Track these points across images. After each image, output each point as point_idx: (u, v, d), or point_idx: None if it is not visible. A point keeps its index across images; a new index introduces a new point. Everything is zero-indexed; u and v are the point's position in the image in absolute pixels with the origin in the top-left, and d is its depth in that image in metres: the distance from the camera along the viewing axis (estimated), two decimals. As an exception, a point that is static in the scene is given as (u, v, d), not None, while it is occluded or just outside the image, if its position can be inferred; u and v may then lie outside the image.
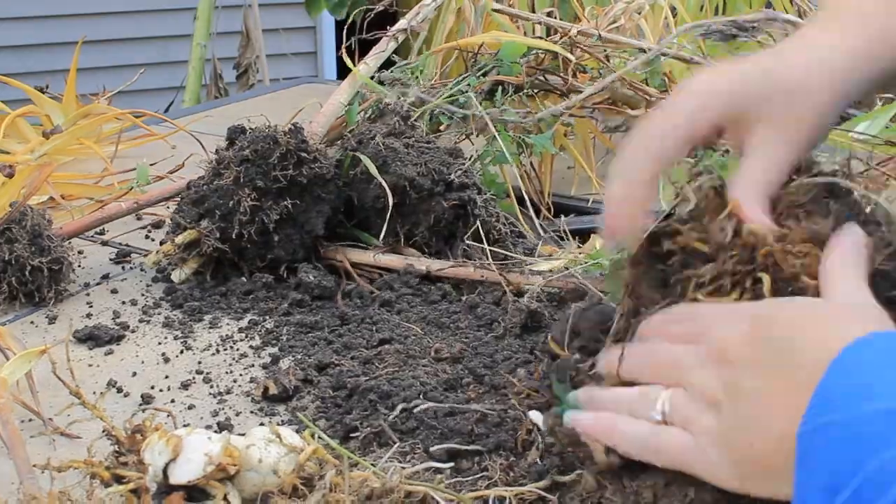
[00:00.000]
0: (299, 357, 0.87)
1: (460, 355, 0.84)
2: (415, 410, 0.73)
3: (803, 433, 0.48)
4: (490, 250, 1.00)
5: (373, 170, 1.01)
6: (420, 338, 0.88)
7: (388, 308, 0.95)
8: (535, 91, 1.26)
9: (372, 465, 0.61)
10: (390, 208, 1.00)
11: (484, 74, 1.27)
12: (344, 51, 1.29)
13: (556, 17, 1.38)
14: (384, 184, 0.99)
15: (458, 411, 0.73)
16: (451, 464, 0.66)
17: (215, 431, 0.67)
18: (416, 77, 1.24)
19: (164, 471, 0.55)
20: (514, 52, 1.26)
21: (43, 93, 1.48)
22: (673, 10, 1.50)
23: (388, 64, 1.27)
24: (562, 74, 1.28)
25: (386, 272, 1.01)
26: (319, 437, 0.61)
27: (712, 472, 0.55)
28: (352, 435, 0.73)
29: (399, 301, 0.96)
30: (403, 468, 0.59)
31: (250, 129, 1.03)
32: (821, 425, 0.47)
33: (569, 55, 1.26)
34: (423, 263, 1.00)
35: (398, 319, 0.92)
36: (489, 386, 0.78)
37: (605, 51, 1.29)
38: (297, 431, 0.64)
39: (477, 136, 1.17)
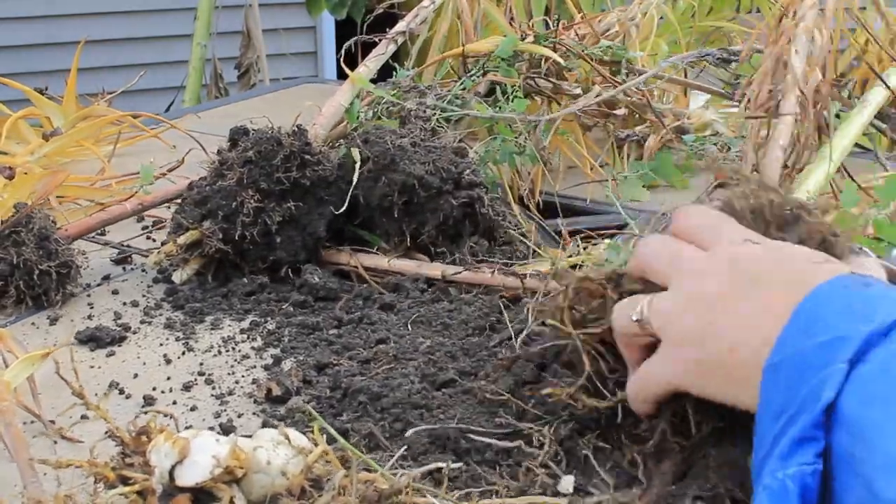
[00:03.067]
0: (301, 358, 0.87)
1: (450, 357, 0.84)
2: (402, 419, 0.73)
3: (765, 367, 0.52)
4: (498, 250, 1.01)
5: (355, 172, 1.01)
6: (414, 338, 0.88)
7: (390, 310, 0.95)
8: (526, 94, 1.27)
9: (380, 465, 0.61)
10: (398, 207, 1.00)
11: (483, 74, 1.27)
12: (344, 54, 1.29)
13: (552, 21, 1.38)
14: (355, 180, 1.00)
15: (442, 417, 0.73)
16: (447, 464, 0.65)
17: (218, 433, 0.67)
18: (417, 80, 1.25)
19: (171, 473, 0.55)
20: (510, 46, 1.26)
21: (42, 94, 1.48)
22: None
23: (386, 67, 1.28)
24: (553, 80, 1.29)
25: (398, 275, 1.01)
26: (328, 436, 0.61)
27: (674, 373, 0.59)
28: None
29: (401, 302, 0.96)
30: (409, 470, 0.59)
31: (253, 130, 1.03)
32: (776, 362, 0.51)
33: (559, 59, 1.27)
34: (437, 269, 1.00)
35: (395, 319, 0.92)
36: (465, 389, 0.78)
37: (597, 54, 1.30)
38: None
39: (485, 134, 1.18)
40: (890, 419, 0.45)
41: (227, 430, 0.75)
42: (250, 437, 0.60)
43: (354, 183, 1.01)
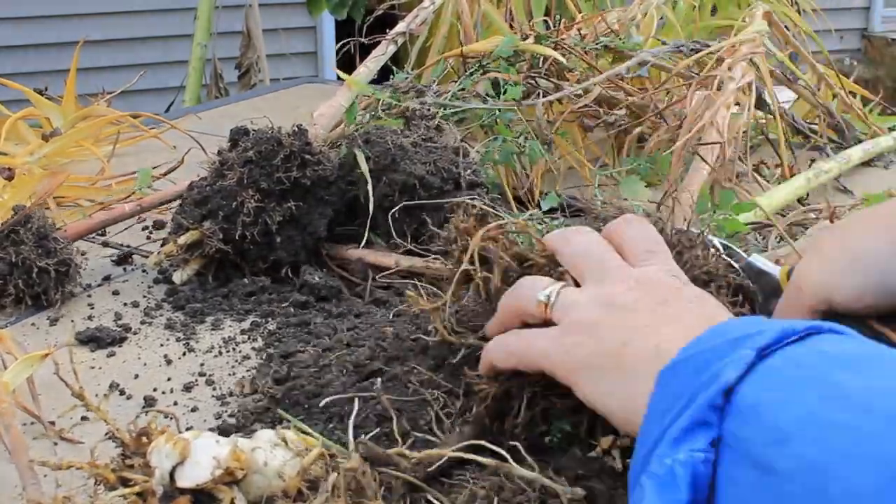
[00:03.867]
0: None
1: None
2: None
3: (664, 369, 0.49)
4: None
5: (364, 170, 1.01)
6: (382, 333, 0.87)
7: (386, 306, 0.95)
8: (527, 95, 1.27)
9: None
10: (398, 206, 1.00)
11: (483, 73, 1.27)
12: (341, 55, 1.30)
13: (553, 21, 1.39)
14: (369, 183, 0.99)
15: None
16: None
17: (219, 433, 0.67)
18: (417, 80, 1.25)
19: (171, 474, 0.55)
20: (510, 46, 1.26)
21: (42, 94, 1.48)
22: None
23: (387, 67, 1.28)
24: (553, 80, 1.29)
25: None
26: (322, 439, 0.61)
27: (556, 351, 0.58)
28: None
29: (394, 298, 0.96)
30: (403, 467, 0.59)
31: (253, 130, 1.03)
32: (678, 360, 0.49)
33: (560, 57, 1.27)
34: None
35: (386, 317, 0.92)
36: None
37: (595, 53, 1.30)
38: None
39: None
40: (789, 399, 0.42)
41: (227, 430, 0.75)
42: (248, 437, 0.59)
43: (369, 182, 1.01)
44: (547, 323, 0.60)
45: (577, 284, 0.61)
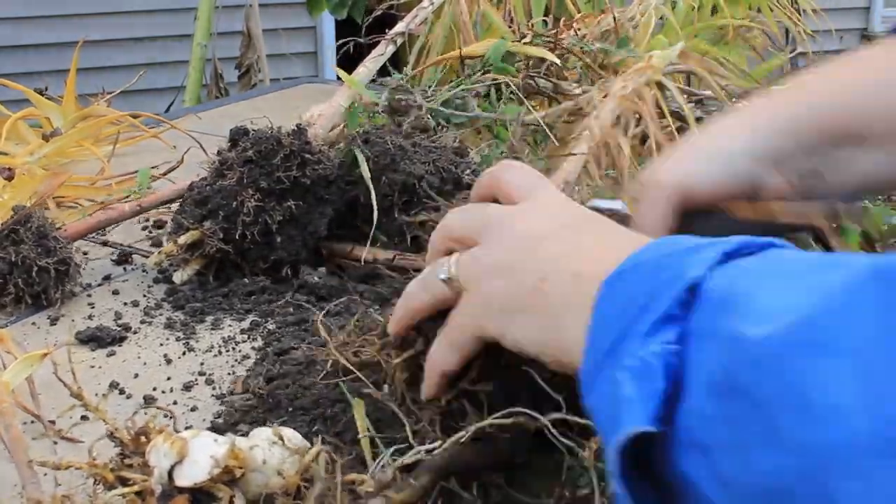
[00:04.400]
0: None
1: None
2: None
3: (610, 276, 0.48)
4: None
5: (365, 171, 1.01)
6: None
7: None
8: (527, 95, 1.27)
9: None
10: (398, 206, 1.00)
11: (485, 73, 1.27)
12: (341, 55, 1.30)
13: (551, 20, 1.39)
14: (370, 186, 1.00)
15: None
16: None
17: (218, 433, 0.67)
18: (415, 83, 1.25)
19: (170, 473, 0.55)
20: (500, 52, 1.26)
21: (42, 94, 1.48)
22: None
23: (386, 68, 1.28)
24: (553, 80, 1.29)
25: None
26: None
27: (482, 313, 0.55)
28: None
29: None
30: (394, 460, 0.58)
31: (253, 130, 1.04)
32: (626, 268, 0.48)
33: (555, 59, 1.27)
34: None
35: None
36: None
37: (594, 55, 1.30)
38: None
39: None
40: (758, 285, 0.42)
41: (227, 430, 0.75)
42: (245, 436, 0.60)
43: (368, 181, 1.01)
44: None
45: None
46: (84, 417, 0.77)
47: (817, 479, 0.37)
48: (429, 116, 1.13)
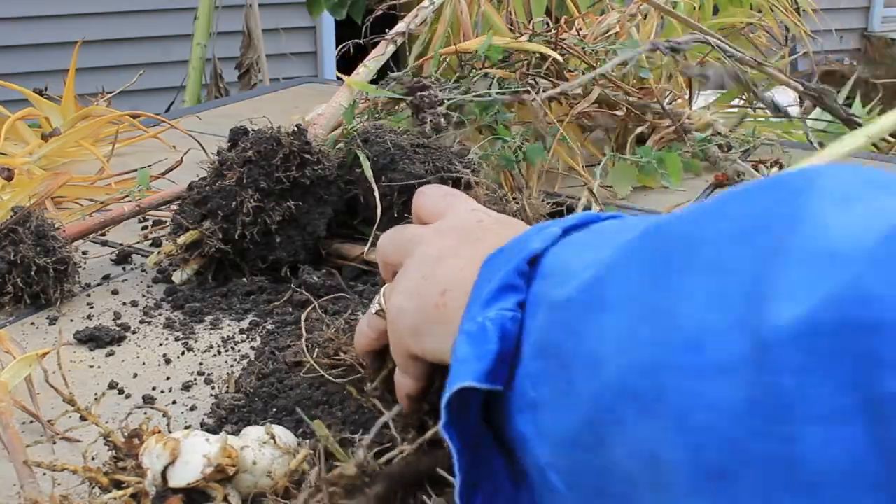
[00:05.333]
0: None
1: None
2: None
3: (481, 267, 0.51)
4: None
5: (367, 171, 1.01)
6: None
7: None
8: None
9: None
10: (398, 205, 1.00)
11: (485, 75, 1.27)
12: (341, 59, 1.30)
13: (552, 20, 1.38)
14: (374, 186, 1.00)
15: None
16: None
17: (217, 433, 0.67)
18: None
19: (163, 474, 0.55)
20: (495, 52, 1.26)
21: (42, 94, 1.48)
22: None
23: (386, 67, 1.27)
24: (553, 80, 1.28)
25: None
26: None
27: (401, 333, 0.57)
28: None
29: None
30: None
31: (253, 129, 1.03)
32: (494, 253, 0.51)
33: (557, 56, 1.27)
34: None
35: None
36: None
37: (594, 53, 1.30)
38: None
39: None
40: (579, 251, 0.46)
41: (209, 429, 0.75)
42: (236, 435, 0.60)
43: (371, 181, 1.01)
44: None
45: None
46: (83, 418, 0.77)
47: (594, 430, 0.40)
48: (445, 114, 1.13)
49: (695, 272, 0.38)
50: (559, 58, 1.27)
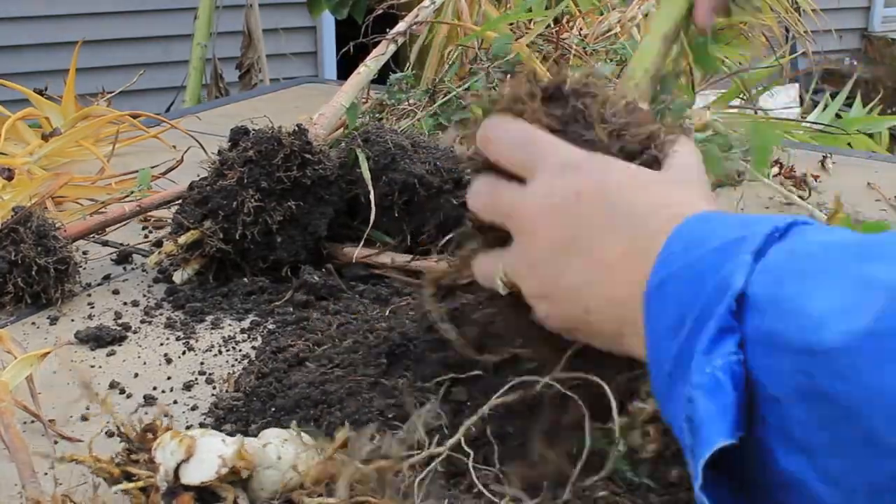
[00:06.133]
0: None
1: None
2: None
3: (649, 291, 0.51)
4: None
5: (366, 172, 1.01)
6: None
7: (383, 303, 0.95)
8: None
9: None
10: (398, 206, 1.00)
11: (487, 74, 1.27)
12: (344, 57, 1.30)
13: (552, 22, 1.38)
14: (370, 187, 1.00)
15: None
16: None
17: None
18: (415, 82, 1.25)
19: (176, 471, 0.55)
20: (504, 45, 1.26)
21: (42, 94, 1.48)
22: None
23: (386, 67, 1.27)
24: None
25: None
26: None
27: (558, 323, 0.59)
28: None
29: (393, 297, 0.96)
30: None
31: (254, 130, 1.03)
32: (662, 279, 0.50)
33: (557, 58, 1.27)
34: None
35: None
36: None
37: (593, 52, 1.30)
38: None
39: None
40: (806, 287, 0.44)
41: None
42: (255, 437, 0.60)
43: (368, 181, 1.01)
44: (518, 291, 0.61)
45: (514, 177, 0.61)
46: (84, 418, 0.77)
47: None
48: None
49: None
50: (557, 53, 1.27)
